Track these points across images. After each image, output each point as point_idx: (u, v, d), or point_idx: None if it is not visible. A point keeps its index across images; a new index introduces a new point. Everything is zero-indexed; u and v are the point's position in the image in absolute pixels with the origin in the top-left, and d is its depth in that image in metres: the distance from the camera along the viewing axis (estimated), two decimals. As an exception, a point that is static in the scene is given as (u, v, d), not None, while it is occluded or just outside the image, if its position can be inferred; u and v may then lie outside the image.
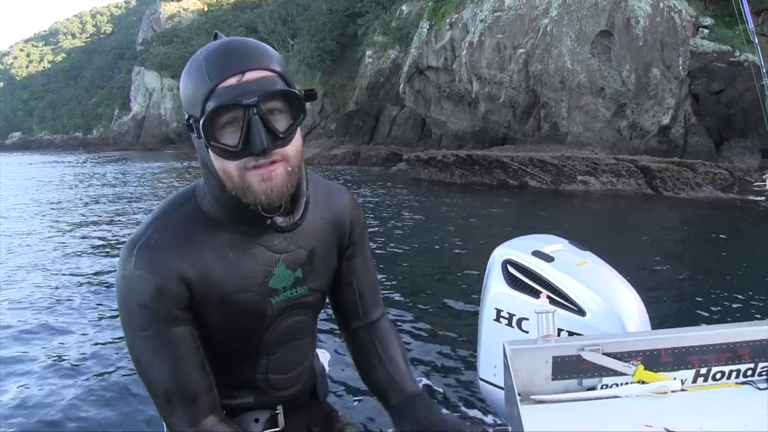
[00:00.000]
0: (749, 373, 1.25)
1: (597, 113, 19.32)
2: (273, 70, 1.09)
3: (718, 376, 1.25)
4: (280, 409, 1.40)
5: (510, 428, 1.27)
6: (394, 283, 6.92)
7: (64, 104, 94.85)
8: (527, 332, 1.68)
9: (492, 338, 1.77)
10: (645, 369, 1.24)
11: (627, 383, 1.24)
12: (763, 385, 1.23)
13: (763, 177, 3.40)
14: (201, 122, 1.06)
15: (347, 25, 38.29)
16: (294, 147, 1.12)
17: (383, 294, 1.78)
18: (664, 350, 1.24)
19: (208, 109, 1.05)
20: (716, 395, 1.22)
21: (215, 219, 1.20)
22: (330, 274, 1.40)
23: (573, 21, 19.63)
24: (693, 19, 18.98)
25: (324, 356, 1.64)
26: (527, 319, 1.69)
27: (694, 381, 1.25)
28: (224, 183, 1.11)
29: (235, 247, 1.22)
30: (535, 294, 1.67)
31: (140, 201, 16.84)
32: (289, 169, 1.11)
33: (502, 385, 1.72)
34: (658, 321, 1.82)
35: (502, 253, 1.79)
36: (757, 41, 3.35)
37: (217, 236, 1.20)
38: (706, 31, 19.42)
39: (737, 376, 1.25)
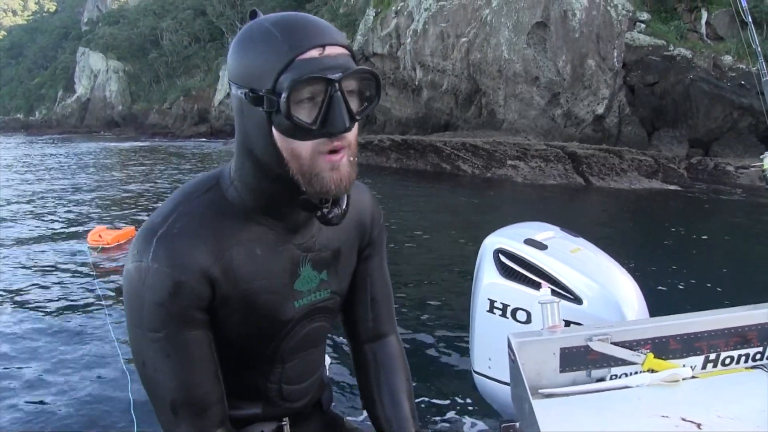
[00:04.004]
0: (758, 356, 1.19)
1: (532, 101, 19.51)
2: (349, 49, 0.99)
3: (728, 361, 1.19)
4: (286, 421, 1.26)
5: (518, 424, 1.18)
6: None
7: (4, 84, 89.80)
8: (523, 322, 1.59)
9: (486, 330, 1.67)
10: (654, 357, 1.16)
11: (637, 372, 1.16)
12: (773, 368, 1.17)
13: (761, 157, 3.37)
14: (284, 94, 0.91)
15: (295, 10, 37.47)
16: (355, 134, 1.01)
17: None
18: (672, 337, 1.17)
19: (286, 82, 0.91)
20: (728, 381, 1.16)
21: (243, 210, 1.06)
22: (350, 276, 1.27)
23: (511, 12, 19.69)
24: (629, 14, 19.40)
25: (325, 360, 1.50)
26: (522, 309, 1.59)
27: (704, 367, 1.19)
28: (285, 167, 0.97)
29: (263, 242, 1.08)
30: (530, 283, 1.58)
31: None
32: (351, 158, 1.00)
33: (498, 378, 1.66)
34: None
35: (493, 242, 1.69)
36: (759, 48, 3.28)
37: (245, 229, 1.06)
38: (642, 25, 19.98)
39: (746, 360, 1.19)
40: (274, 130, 0.96)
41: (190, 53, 57.68)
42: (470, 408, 3.52)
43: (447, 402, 3.64)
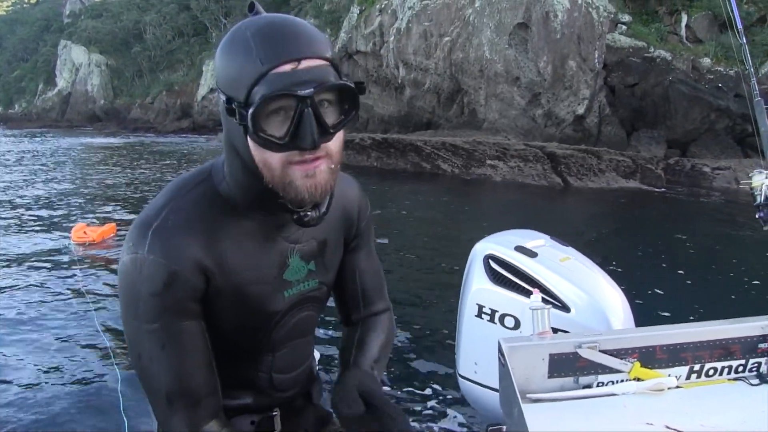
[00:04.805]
0: (740, 369, 1.21)
1: (512, 101, 19.59)
2: (327, 59, 0.97)
3: (711, 372, 1.21)
4: (277, 411, 1.29)
5: (505, 428, 1.19)
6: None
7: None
8: (511, 328, 1.61)
9: (473, 334, 1.69)
10: (641, 366, 1.17)
11: (623, 380, 1.17)
12: (755, 381, 1.19)
13: (750, 175, 3.34)
14: (251, 110, 0.91)
15: (280, 6, 37.22)
16: (337, 143, 1.01)
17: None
18: (659, 347, 1.18)
19: (257, 96, 0.92)
20: (711, 392, 1.18)
21: (234, 204, 1.08)
22: (337, 267, 1.30)
23: (493, 12, 19.74)
24: (611, 16, 19.59)
25: (314, 355, 1.52)
26: (511, 315, 1.61)
27: (688, 377, 1.20)
28: (261, 173, 0.99)
29: (253, 235, 1.11)
30: (519, 290, 1.60)
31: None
32: (332, 166, 1.00)
33: (484, 383, 1.67)
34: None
35: (483, 248, 1.71)
36: (749, 54, 3.28)
37: (236, 222, 1.09)
38: (623, 27, 20.20)
39: (729, 372, 1.21)
40: (248, 140, 0.97)
41: (174, 48, 57.00)
42: (454, 411, 3.51)
43: (431, 405, 3.63)
